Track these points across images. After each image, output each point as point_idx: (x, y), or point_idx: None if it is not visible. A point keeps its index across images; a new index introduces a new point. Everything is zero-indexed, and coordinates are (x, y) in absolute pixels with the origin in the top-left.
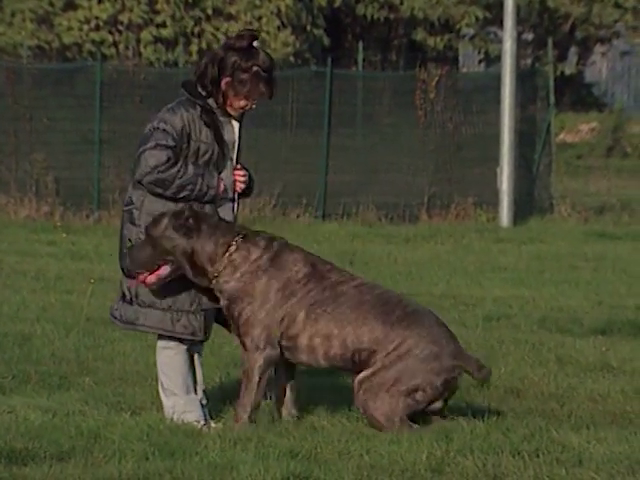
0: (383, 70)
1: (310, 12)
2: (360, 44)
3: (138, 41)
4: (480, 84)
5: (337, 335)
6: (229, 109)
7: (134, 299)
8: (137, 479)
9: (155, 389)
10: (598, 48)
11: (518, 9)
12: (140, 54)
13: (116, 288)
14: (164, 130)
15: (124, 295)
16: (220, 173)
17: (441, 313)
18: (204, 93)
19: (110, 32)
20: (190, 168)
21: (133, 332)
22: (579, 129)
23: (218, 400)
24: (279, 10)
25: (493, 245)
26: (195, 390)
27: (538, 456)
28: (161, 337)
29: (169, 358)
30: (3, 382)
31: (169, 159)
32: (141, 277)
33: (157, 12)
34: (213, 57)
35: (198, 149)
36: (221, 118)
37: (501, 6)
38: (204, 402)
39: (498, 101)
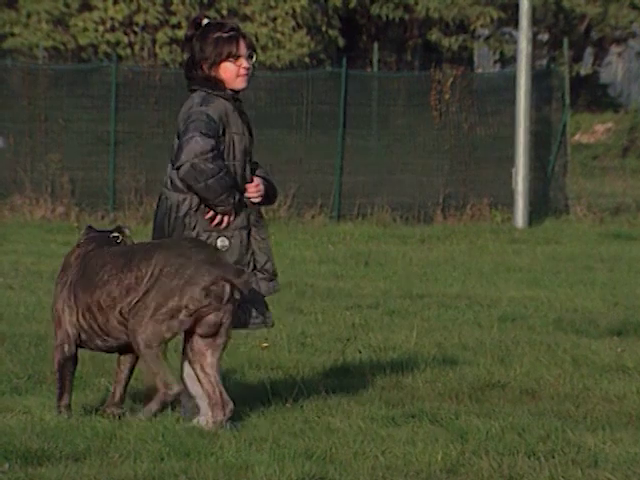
0: (398, 71)
1: (325, 13)
2: (375, 45)
3: (153, 42)
4: (495, 85)
5: (94, 303)
6: (229, 85)
7: None
8: (152, 479)
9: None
10: (614, 49)
11: (533, 9)
12: (155, 55)
13: None
14: (203, 120)
15: None
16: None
17: (456, 314)
18: (212, 86)
19: (125, 33)
20: (229, 178)
21: None
22: (594, 130)
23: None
24: (294, 11)
25: (508, 246)
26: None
27: (554, 457)
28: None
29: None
30: (19, 382)
31: (213, 149)
32: None
33: (172, 13)
34: (186, 62)
35: (233, 141)
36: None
37: (516, 7)
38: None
39: (513, 102)
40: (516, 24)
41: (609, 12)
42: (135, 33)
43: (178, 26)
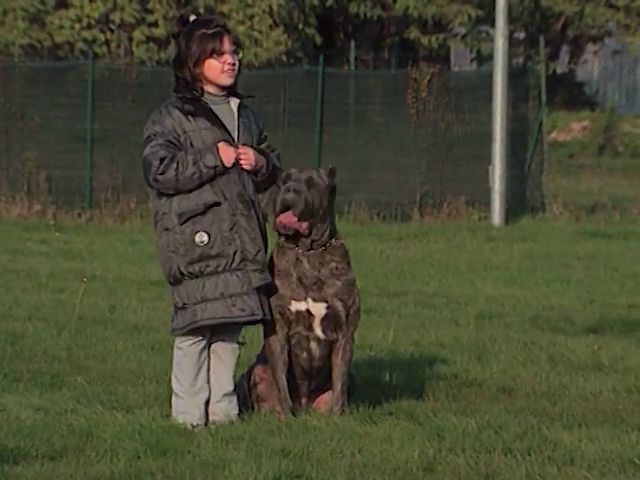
0: (375, 69)
1: (302, 11)
2: (352, 43)
3: (130, 40)
4: (472, 83)
5: None
6: (214, 81)
7: (186, 301)
8: (129, 478)
9: (147, 388)
10: (590, 47)
11: (510, 8)
12: (132, 53)
13: (107, 287)
14: (155, 133)
15: (176, 304)
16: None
17: (433, 312)
18: (186, 88)
19: (102, 31)
20: (189, 158)
21: (127, 332)
22: (571, 128)
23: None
24: (271, 9)
25: (485, 244)
26: (209, 391)
27: (530, 454)
28: (177, 336)
29: (178, 358)
30: None
31: (163, 159)
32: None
33: (149, 11)
34: (173, 59)
35: (201, 137)
36: (213, 106)
37: (493, 5)
38: (230, 404)
39: (490, 100)
40: (493, 22)
41: (585, 10)
42: (112, 31)
43: (155, 24)
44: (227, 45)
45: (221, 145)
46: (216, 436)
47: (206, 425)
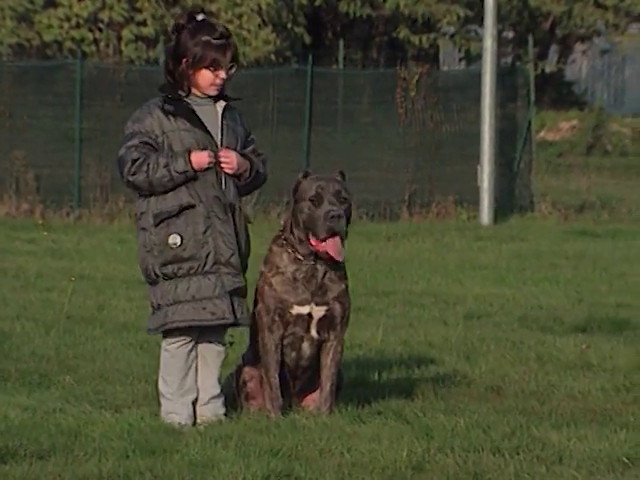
0: (364, 68)
1: (291, 10)
2: (341, 42)
3: (119, 39)
4: (460, 82)
5: None
6: (201, 90)
7: (160, 302)
8: (117, 477)
9: (136, 387)
10: (578, 46)
11: (499, 7)
12: (121, 52)
13: (96, 286)
14: (133, 131)
15: (152, 304)
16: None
17: (422, 311)
18: (173, 86)
19: (91, 30)
20: (161, 161)
21: (116, 331)
22: (559, 127)
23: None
24: (260, 8)
25: (474, 243)
26: (197, 391)
27: (518, 454)
28: (164, 337)
29: (166, 360)
30: None
31: (135, 160)
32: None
33: (138, 10)
34: (168, 47)
35: (180, 138)
36: (197, 107)
37: (482, 4)
38: (216, 405)
39: (478, 99)
40: (481, 22)
41: (574, 10)
42: (100, 30)
43: (143, 23)
44: (226, 60)
45: (194, 152)
46: (205, 435)
47: (194, 425)
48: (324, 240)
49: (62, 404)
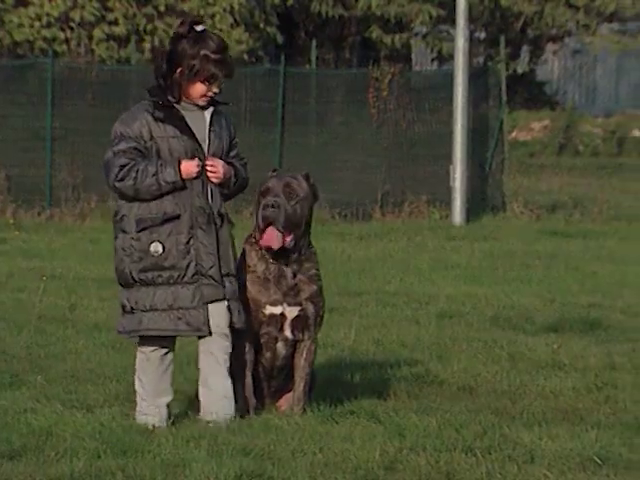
0: (336, 68)
1: (263, 10)
2: (313, 42)
3: (90, 38)
4: (433, 82)
5: None
6: (191, 99)
7: (134, 306)
8: (89, 477)
9: (108, 387)
10: (550, 47)
11: (470, 7)
12: (92, 51)
13: (67, 286)
14: (122, 135)
15: (124, 307)
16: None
17: (394, 311)
18: (162, 90)
19: (62, 29)
20: (149, 169)
21: (88, 331)
22: (531, 127)
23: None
24: (232, 8)
25: (446, 243)
26: (172, 393)
27: (490, 453)
28: (139, 341)
29: (142, 362)
30: None
31: (123, 167)
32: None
33: (109, 10)
34: (162, 52)
35: (169, 144)
36: (186, 113)
37: (454, 4)
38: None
39: (451, 99)
40: (454, 22)
41: (545, 10)
42: (72, 29)
43: (115, 23)
44: (223, 75)
45: (183, 162)
46: (177, 435)
47: (167, 426)
48: (263, 230)
49: (33, 404)
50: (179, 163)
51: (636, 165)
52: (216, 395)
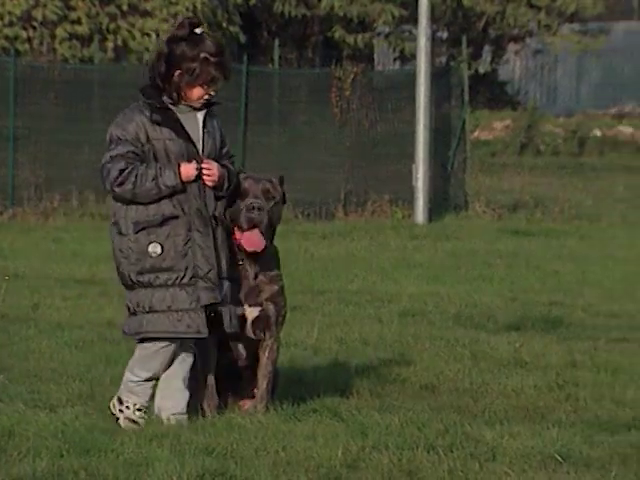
0: (299, 67)
1: (226, 9)
2: (276, 41)
3: (53, 37)
4: (395, 82)
5: None
6: (188, 102)
7: (136, 308)
8: (52, 476)
9: (70, 386)
10: (511, 47)
11: (433, 7)
12: (55, 50)
13: (30, 285)
14: (119, 138)
15: (128, 308)
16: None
17: (357, 309)
18: (158, 92)
19: (24, 28)
20: (149, 173)
21: (51, 331)
22: (493, 127)
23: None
24: (194, 7)
25: (408, 242)
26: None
27: (452, 451)
28: (141, 341)
29: (147, 354)
30: None
31: (122, 171)
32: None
33: (72, 8)
34: (159, 53)
35: (165, 147)
36: (180, 114)
37: (416, 4)
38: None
39: (413, 99)
40: (416, 22)
41: (507, 10)
42: (34, 28)
43: (78, 22)
44: (222, 77)
45: (183, 165)
46: (140, 434)
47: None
48: (244, 232)
49: None
50: (179, 166)
51: (597, 164)
52: (171, 391)
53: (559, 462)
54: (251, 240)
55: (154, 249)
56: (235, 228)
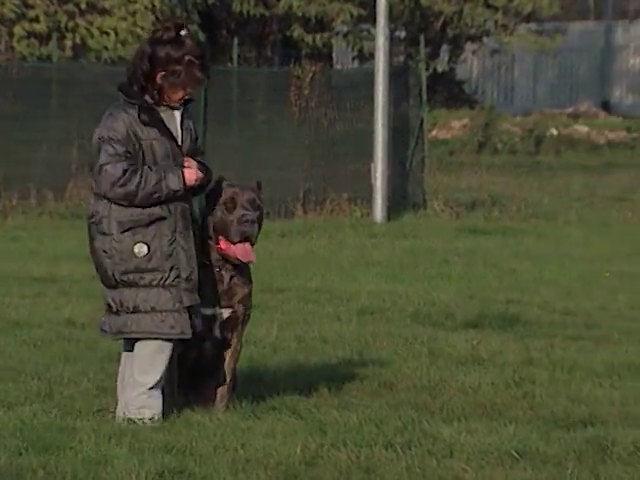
0: (258, 66)
1: (184, 8)
2: (235, 40)
3: (10, 35)
4: (354, 81)
5: None
6: (168, 102)
7: (119, 308)
8: (10, 475)
9: (29, 384)
10: (469, 46)
11: (390, 7)
12: (13, 49)
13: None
14: (110, 138)
15: (110, 306)
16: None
17: (316, 307)
18: (139, 91)
19: None
20: (152, 175)
21: (9, 329)
22: (451, 126)
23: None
24: (153, 5)
25: (367, 240)
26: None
27: (410, 448)
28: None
29: (152, 353)
30: None
31: (125, 171)
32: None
33: (30, 7)
34: (142, 53)
35: (152, 147)
36: (162, 114)
37: (374, 3)
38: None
39: (372, 98)
40: (374, 21)
41: (464, 10)
42: None
43: (36, 20)
44: (205, 79)
45: (187, 170)
46: (98, 432)
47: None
48: (234, 244)
49: None
50: (181, 169)
51: (553, 163)
52: (129, 389)
53: (516, 459)
54: (246, 252)
55: (140, 249)
56: (220, 238)
